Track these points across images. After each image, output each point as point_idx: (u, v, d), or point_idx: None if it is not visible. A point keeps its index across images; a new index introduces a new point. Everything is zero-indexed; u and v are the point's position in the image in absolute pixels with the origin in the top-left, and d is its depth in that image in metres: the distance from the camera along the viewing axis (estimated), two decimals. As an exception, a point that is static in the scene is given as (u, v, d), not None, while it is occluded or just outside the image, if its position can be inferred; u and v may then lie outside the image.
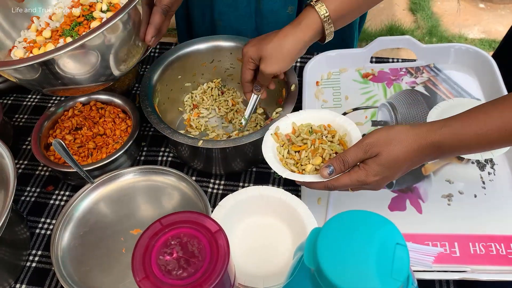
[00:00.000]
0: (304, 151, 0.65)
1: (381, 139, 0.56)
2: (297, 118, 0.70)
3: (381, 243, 0.34)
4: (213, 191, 0.78)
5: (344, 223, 0.35)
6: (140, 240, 0.40)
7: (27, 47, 0.70)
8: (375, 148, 0.56)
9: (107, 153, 0.78)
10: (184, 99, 0.90)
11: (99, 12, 0.69)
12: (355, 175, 0.58)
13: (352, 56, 0.93)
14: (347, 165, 0.58)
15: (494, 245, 0.67)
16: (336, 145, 0.65)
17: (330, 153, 0.64)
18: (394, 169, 0.57)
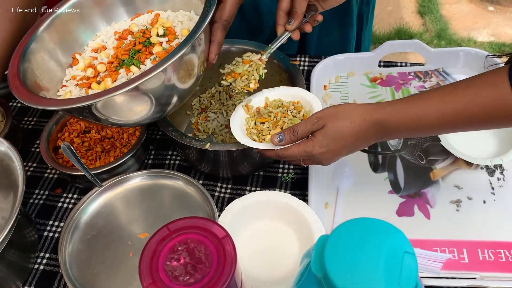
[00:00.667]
0: (267, 123, 0.68)
1: (329, 113, 0.60)
2: (271, 94, 0.73)
3: (389, 251, 0.34)
4: (220, 194, 0.78)
5: (352, 231, 0.35)
6: (147, 245, 0.41)
7: (80, 84, 0.66)
8: (322, 121, 0.60)
9: (115, 157, 0.78)
10: (192, 103, 0.90)
11: (156, 37, 0.67)
12: (303, 145, 0.60)
13: (360, 60, 0.93)
14: (297, 135, 0.61)
15: (503, 252, 0.67)
16: (297, 120, 0.67)
17: (290, 125, 0.66)
18: (339, 141, 0.60)
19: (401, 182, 0.76)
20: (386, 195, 0.75)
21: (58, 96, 0.67)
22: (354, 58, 0.93)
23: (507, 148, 0.74)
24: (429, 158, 0.78)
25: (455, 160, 0.77)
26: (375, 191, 0.75)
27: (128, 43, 0.69)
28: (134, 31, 0.71)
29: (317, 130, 0.60)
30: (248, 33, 1.02)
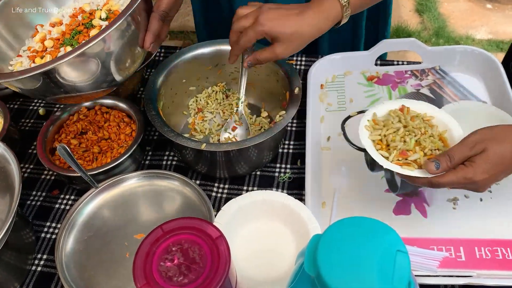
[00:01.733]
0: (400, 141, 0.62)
1: (487, 136, 0.57)
2: (394, 107, 0.67)
3: (382, 250, 0.34)
4: (217, 195, 0.78)
5: (345, 230, 0.35)
6: (141, 246, 0.41)
7: (30, 56, 0.70)
8: (480, 145, 0.56)
9: (112, 158, 0.79)
10: (189, 103, 0.90)
11: (98, 20, 0.69)
12: (462, 172, 0.56)
13: (356, 59, 0.93)
14: (453, 161, 0.57)
15: (500, 250, 0.67)
16: (437, 141, 0.62)
17: (432, 148, 0.61)
18: (500, 166, 0.57)
19: (398, 180, 0.75)
20: (383, 194, 0.75)
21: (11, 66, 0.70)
22: (351, 57, 0.93)
23: (503, 145, 0.74)
24: (426, 157, 0.78)
25: (451, 158, 0.76)
26: (372, 190, 0.75)
27: (75, 23, 0.70)
28: (86, 10, 0.72)
29: (475, 155, 0.57)
30: None
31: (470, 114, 0.80)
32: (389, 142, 0.62)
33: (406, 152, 0.61)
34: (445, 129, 0.64)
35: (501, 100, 0.82)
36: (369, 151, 0.61)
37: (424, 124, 0.64)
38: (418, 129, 0.63)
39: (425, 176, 0.58)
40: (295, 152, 0.84)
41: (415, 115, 0.65)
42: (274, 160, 0.83)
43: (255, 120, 0.88)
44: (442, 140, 0.63)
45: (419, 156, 0.60)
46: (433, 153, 0.61)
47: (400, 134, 0.62)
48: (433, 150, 0.61)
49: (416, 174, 0.59)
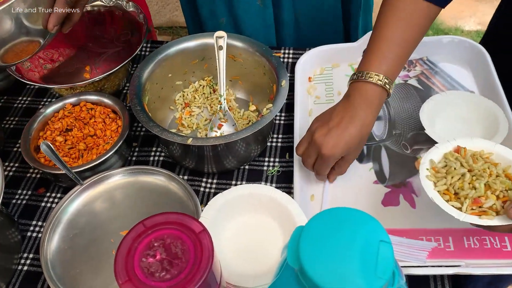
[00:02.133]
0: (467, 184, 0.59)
1: None
2: (449, 149, 0.64)
3: (364, 240, 0.33)
4: (206, 190, 0.78)
5: (327, 221, 0.35)
6: (123, 242, 0.40)
7: None
8: None
9: (98, 154, 0.77)
10: (176, 98, 0.89)
11: None
12: None
13: (344, 51, 0.92)
14: None
15: (488, 239, 0.67)
16: (507, 181, 0.59)
17: (502, 189, 0.58)
18: None
19: (386, 172, 0.75)
20: (372, 185, 0.74)
21: None
22: (338, 49, 0.92)
23: (491, 135, 0.74)
24: (414, 147, 0.77)
25: (439, 149, 0.76)
26: (361, 182, 0.75)
27: None
28: None
29: None
30: None
31: (458, 104, 0.79)
32: (456, 191, 0.59)
33: (479, 199, 0.58)
34: (508, 164, 0.61)
35: (488, 89, 0.82)
36: (439, 204, 0.58)
37: (487, 164, 0.61)
38: (484, 171, 0.60)
39: (508, 223, 0.55)
40: (284, 145, 0.83)
41: (474, 155, 0.62)
42: (262, 154, 0.82)
43: (243, 114, 0.87)
44: (508, 177, 0.60)
45: (493, 201, 0.57)
46: (505, 194, 0.58)
47: (467, 180, 0.59)
48: (504, 191, 0.59)
49: (498, 223, 0.56)
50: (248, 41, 0.83)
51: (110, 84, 0.88)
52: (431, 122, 0.76)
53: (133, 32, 0.91)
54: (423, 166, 0.62)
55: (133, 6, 0.93)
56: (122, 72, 0.89)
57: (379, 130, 0.81)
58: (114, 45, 0.89)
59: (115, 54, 0.87)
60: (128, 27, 0.92)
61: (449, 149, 0.64)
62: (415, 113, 0.81)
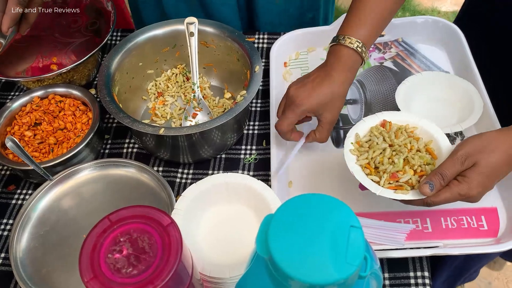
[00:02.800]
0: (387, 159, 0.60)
1: (476, 148, 0.56)
2: (375, 122, 0.65)
3: (335, 227, 0.32)
4: (182, 180, 0.76)
5: (297, 209, 0.34)
6: (87, 239, 0.38)
7: None
8: (471, 158, 0.55)
9: (68, 148, 0.75)
10: (148, 87, 0.87)
11: None
12: (456, 188, 0.56)
13: (319, 35, 0.91)
14: (446, 179, 0.56)
15: (465, 218, 0.67)
16: (426, 156, 0.61)
17: (421, 164, 0.60)
18: (494, 176, 0.56)
19: (364, 155, 0.75)
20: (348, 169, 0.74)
21: None
22: (313, 33, 0.91)
23: (466, 115, 0.74)
24: (391, 130, 0.77)
25: (416, 130, 0.76)
26: (338, 166, 0.74)
27: None
28: None
29: (466, 169, 0.56)
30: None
31: (433, 84, 0.79)
32: (377, 165, 0.61)
33: (396, 174, 0.59)
34: (430, 139, 0.63)
35: (463, 69, 0.82)
36: (359, 178, 0.60)
37: (409, 139, 0.62)
38: (405, 146, 0.61)
39: (420, 197, 0.57)
40: (260, 132, 0.82)
41: (399, 129, 0.63)
42: (239, 142, 0.81)
43: (218, 102, 0.85)
44: (429, 152, 0.62)
45: (410, 176, 0.59)
46: (423, 169, 0.60)
47: (387, 155, 0.60)
48: (422, 165, 0.60)
49: (411, 197, 0.58)
50: (220, 27, 0.81)
51: (79, 75, 0.85)
52: (407, 104, 0.76)
53: (101, 21, 0.88)
54: (348, 140, 0.64)
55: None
56: (91, 63, 0.87)
57: (356, 113, 0.80)
58: (82, 35, 0.86)
59: (84, 43, 0.84)
60: (95, 16, 0.88)
61: (376, 123, 0.65)
62: (391, 95, 0.81)
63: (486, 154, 0.55)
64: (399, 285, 0.63)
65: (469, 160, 0.55)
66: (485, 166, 0.55)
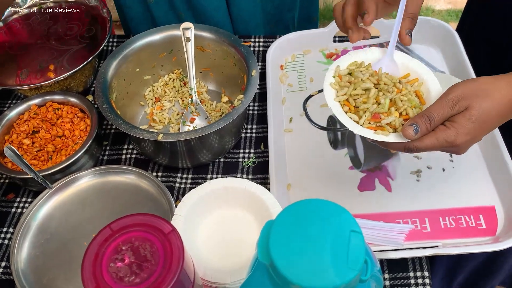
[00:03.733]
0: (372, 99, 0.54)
1: (469, 92, 0.50)
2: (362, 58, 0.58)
3: (335, 232, 0.33)
4: (181, 185, 0.76)
5: (297, 215, 0.34)
6: (89, 248, 0.38)
7: None
8: (463, 102, 0.49)
9: (67, 155, 0.75)
10: (145, 93, 0.87)
11: None
12: (443, 134, 0.49)
13: (314, 37, 0.91)
14: (433, 123, 0.50)
15: (464, 218, 0.67)
16: (414, 98, 0.54)
17: (407, 106, 0.54)
18: (485, 125, 0.50)
19: (361, 157, 0.75)
20: (347, 171, 0.74)
21: None
22: (309, 35, 0.91)
23: (462, 114, 0.75)
24: (388, 131, 0.77)
25: (413, 131, 0.76)
26: (336, 168, 0.75)
27: None
28: None
29: (457, 113, 0.50)
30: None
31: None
32: (357, 104, 0.55)
33: (378, 115, 0.53)
34: (420, 81, 0.56)
35: (458, 69, 0.82)
36: (336, 115, 0.54)
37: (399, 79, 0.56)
38: (394, 86, 0.54)
39: (402, 141, 0.51)
40: (258, 136, 0.82)
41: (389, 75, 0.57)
42: (237, 146, 0.81)
43: (216, 106, 0.86)
44: (417, 95, 0.55)
45: (394, 118, 0.53)
46: (408, 112, 0.54)
47: (372, 96, 0.54)
48: (408, 108, 0.54)
49: (392, 139, 0.52)
50: (216, 31, 0.81)
51: (76, 82, 0.86)
52: (403, 105, 0.76)
53: (97, 27, 0.88)
54: (328, 74, 0.57)
55: (95, 0, 0.89)
56: (88, 69, 0.87)
57: (353, 115, 0.81)
58: (78, 41, 0.86)
59: (80, 51, 0.84)
60: (92, 23, 0.89)
61: (362, 59, 0.59)
62: (387, 96, 0.81)
63: (481, 99, 0.49)
64: (399, 285, 0.64)
65: (461, 104, 0.50)
66: (477, 112, 0.49)
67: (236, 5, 0.96)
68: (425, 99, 0.57)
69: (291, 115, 0.83)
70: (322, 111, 0.82)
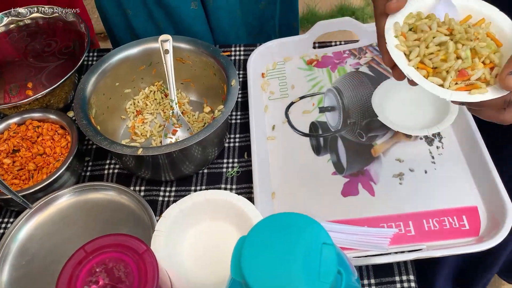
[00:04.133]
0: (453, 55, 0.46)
1: None
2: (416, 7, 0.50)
3: (307, 245, 0.33)
4: (165, 199, 0.76)
5: (269, 229, 0.34)
6: (63, 271, 0.38)
7: None
8: None
9: (48, 173, 0.74)
10: (126, 106, 0.86)
11: None
12: None
13: (294, 44, 0.91)
14: None
15: (447, 219, 0.67)
16: (491, 42, 0.47)
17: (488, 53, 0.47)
18: None
19: (344, 162, 0.75)
20: (330, 176, 0.74)
21: None
22: (289, 43, 0.91)
23: (443, 116, 0.75)
24: (369, 135, 0.78)
25: (394, 134, 0.77)
26: (319, 174, 0.75)
27: None
28: None
29: None
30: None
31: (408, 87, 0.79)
32: (436, 64, 0.47)
33: (465, 71, 0.46)
34: (487, 21, 0.49)
35: None
36: (419, 82, 0.46)
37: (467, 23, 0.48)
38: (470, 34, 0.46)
39: (502, 94, 0.44)
40: (242, 145, 0.82)
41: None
42: (220, 156, 0.81)
43: (198, 117, 0.86)
44: (490, 38, 0.48)
45: (483, 70, 0.46)
46: (493, 59, 0.47)
47: (451, 50, 0.46)
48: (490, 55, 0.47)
49: (490, 96, 0.44)
50: (195, 42, 0.81)
51: (56, 99, 0.85)
52: (383, 108, 0.77)
53: (75, 43, 0.87)
54: (389, 33, 0.48)
55: (73, 15, 0.89)
56: (68, 85, 0.86)
57: (334, 120, 0.81)
58: (57, 58, 0.85)
59: (59, 67, 0.84)
60: (70, 38, 0.88)
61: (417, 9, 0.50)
62: (367, 100, 0.81)
63: None
64: (386, 290, 0.64)
65: None
66: None
67: (216, 16, 0.97)
68: (502, 42, 0.48)
69: (274, 123, 0.83)
70: (304, 117, 0.82)
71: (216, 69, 0.80)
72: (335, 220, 0.69)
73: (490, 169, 0.68)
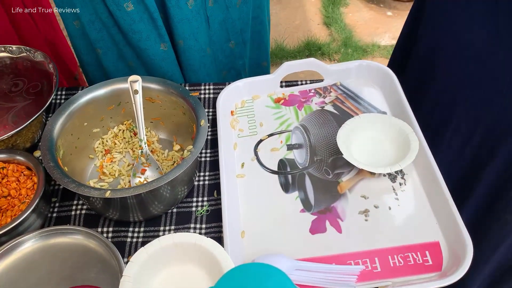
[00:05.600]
0: None
1: None
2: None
3: (272, 296, 0.33)
4: (133, 240, 0.75)
5: (236, 280, 0.35)
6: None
7: None
8: None
9: (13, 216, 0.73)
10: (95, 146, 0.86)
11: None
12: None
13: (262, 83, 0.94)
14: None
15: (411, 255, 0.69)
16: None
17: None
18: None
19: (312, 199, 0.77)
20: (299, 214, 0.76)
21: None
22: (257, 82, 0.94)
23: (404, 153, 0.78)
24: (335, 172, 0.80)
25: (359, 171, 0.79)
26: (288, 212, 0.76)
27: None
28: None
29: None
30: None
31: (370, 126, 0.83)
32: None
33: None
34: None
35: (398, 109, 0.87)
36: None
37: None
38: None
39: None
40: (211, 183, 0.83)
41: None
42: (190, 194, 0.81)
43: (168, 155, 0.86)
44: None
45: None
46: None
47: None
48: None
49: None
50: (164, 83, 0.83)
51: (22, 139, 0.84)
52: (347, 146, 0.79)
53: (43, 83, 0.87)
54: None
55: (41, 55, 0.89)
56: (35, 125, 0.85)
57: (302, 158, 0.83)
58: (24, 98, 0.85)
59: (26, 107, 0.83)
60: (38, 78, 0.88)
61: None
62: (333, 138, 0.84)
63: None
64: (354, 328, 0.65)
65: None
66: None
67: (186, 56, 0.99)
68: None
69: (243, 160, 0.84)
70: (272, 155, 0.84)
71: (186, 109, 0.81)
72: (304, 258, 0.70)
73: (450, 205, 0.71)
